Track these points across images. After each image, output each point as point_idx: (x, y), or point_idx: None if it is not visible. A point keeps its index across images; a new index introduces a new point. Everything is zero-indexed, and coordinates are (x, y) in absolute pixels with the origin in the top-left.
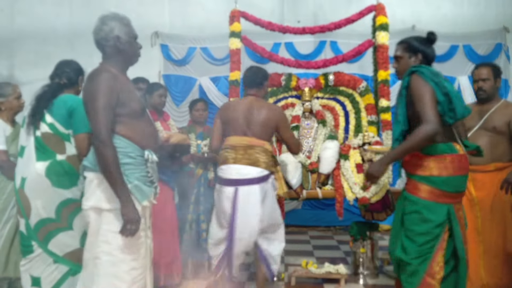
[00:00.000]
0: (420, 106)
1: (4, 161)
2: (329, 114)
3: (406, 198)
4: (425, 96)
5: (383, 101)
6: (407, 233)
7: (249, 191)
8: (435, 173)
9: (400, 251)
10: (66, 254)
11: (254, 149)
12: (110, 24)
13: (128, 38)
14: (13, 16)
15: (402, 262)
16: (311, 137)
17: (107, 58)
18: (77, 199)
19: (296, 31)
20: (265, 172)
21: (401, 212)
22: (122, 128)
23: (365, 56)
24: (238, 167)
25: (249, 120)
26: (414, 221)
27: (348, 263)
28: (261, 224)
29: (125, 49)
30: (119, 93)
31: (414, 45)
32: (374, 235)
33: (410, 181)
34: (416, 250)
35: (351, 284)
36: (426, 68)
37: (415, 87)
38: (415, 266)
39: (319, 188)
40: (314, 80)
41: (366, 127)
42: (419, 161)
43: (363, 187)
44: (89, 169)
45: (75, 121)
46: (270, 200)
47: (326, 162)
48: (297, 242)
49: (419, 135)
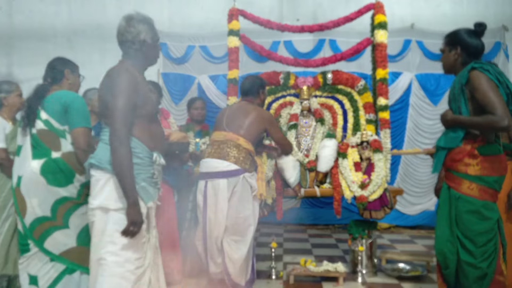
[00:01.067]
0: (488, 101)
1: (4, 159)
2: (328, 113)
3: (460, 198)
4: (493, 90)
5: (382, 100)
6: (467, 234)
7: (216, 184)
8: (488, 173)
9: (465, 254)
10: (62, 253)
11: (226, 144)
12: (137, 27)
13: (152, 42)
14: (12, 14)
15: (467, 267)
16: (309, 135)
17: (128, 58)
18: (73, 197)
19: (294, 30)
20: (233, 166)
21: (448, 211)
22: (134, 129)
23: (364, 55)
24: (209, 160)
25: (233, 117)
26: (473, 221)
27: (347, 261)
28: (227, 221)
29: (148, 52)
30: (138, 94)
31: (453, 38)
32: (372, 234)
33: (460, 180)
34: (481, 252)
35: (350, 282)
36: (491, 66)
37: (480, 82)
38: (485, 269)
39: (317, 187)
40: (313, 79)
41: (364, 125)
42: (474, 161)
43: (361, 186)
44: (96, 167)
45: (71, 116)
46: (240, 197)
47: (324, 160)
48: (296, 240)
49: (491, 123)
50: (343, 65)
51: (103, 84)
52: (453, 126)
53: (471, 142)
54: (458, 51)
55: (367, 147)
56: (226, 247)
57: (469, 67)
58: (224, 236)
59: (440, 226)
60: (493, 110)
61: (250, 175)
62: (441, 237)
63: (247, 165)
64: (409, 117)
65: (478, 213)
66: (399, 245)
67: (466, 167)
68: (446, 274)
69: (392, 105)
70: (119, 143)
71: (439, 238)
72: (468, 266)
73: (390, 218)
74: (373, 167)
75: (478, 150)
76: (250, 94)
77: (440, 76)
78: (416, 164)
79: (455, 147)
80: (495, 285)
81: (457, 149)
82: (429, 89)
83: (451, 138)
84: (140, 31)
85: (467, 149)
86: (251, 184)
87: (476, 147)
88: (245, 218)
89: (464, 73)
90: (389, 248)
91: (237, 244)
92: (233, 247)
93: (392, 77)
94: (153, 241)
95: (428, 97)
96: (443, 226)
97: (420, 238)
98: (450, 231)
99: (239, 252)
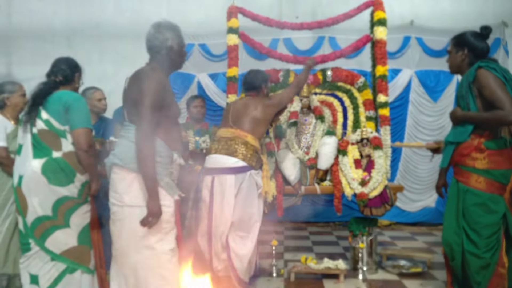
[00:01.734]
0: (497, 97)
1: (4, 158)
2: (327, 110)
3: (468, 191)
4: (501, 87)
5: (381, 97)
6: (473, 226)
7: (224, 180)
8: (495, 166)
9: (469, 244)
10: (63, 252)
11: (234, 141)
12: (165, 34)
13: (179, 48)
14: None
15: (471, 256)
16: (309, 133)
17: (155, 62)
18: (74, 197)
19: (294, 27)
20: (241, 163)
21: (456, 204)
22: (159, 129)
23: (363, 52)
24: (216, 156)
25: (239, 114)
26: (480, 214)
27: (347, 258)
28: (233, 217)
29: (174, 57)
30: (165, 96)
31: (460, 40)
32: (373, 231)
33: (469, 174)
34: (485, 243)
35: (350, 279)
36: (496, 65)
37: (487, 80)
38: (487, 259)
39: (317, 184)
40: (312, 76)
41: (364, 122)
42: (481, 155)
43: (361, 183)
44: (120, 166)
45: (72, 117)
46: (247, 194)
47: (325, 158)
48: (297, 238)
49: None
50: (342, 62)
51: (131, 83)
52: (463, 122)
53: (478, 137)
54: (465, 52)
55: (367, 144)
56: (231, 243)
57: (476, 66)
58: (230, 232)
59: (447, 219)
60: (501, 106)
61: (256, 173)
62: (448, 229)
63: (254, 162)
64: (409, 114)
65: (484, 205)
66: (400, 242)
67: (474, 161)
68: (453, 265)
69: (392, 102)
70: (144, 139)
71: (446, 230)
72: (472, 256)
73: (391, 215)
74: (373, 164)
75: (485, 144)
76: (253, 89)
77: (439, 72)
78: (416, 161)
79: (463, 142)
80: (496, 277)
81: (465, 144)
82: (429, 85)
83: (460, 132)
84: (167, 37)
85: (474, 144)
86: (257, 181)
87: (483, 142)
88: (251, 214)
89: (471, 71)
90: (390, 245)
91: (243, 240)
92: (238, 243)
93: (391, 74)
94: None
95: (428, 94)
96: (450, 218)
97: (420, 234)
98: (456, 223)
99: (245, 248)
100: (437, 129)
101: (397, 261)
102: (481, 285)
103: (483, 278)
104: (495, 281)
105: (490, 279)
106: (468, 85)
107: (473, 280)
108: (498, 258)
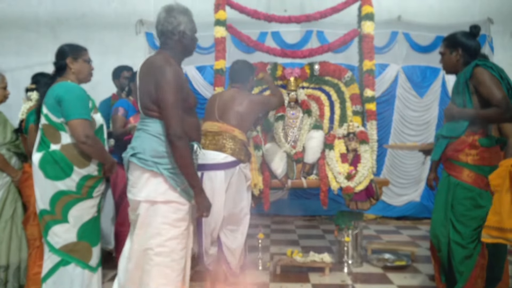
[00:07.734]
0: (493, 95)
1: None
2: (314, 104)
3: (459, 185)
4: (497, 85)
5: (368, 91)
6: (460, 219)
7: (214, 176)
8: (486, 162)
9: (455, 234)
10: (62, 247)
11: (221, 135)
12: (178, 18)
13: (191, 33)
14: None
15: (456, 246)
16: (296, 127)
17: (167, 49)
18: (72, 191)
19: (281, 20)
20: (230, 158)
21: (445, 197)
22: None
23: (351, 46)
24: (205, 152)
25: (225, 107)
26: (468, 207)
27: (333, 252)
28: (224, 212)
29: (187, 44)
30: (184, 88)
31: (453, 41)
32: (358, 224)
33: (461, 169)
34: (470, 235)
35: (336, 273)
36: (493, 64)
37: (483, 77)
38: (471, 250)
39: (304, 178)
40: (300, 70)
41: (351, 117)
42: (474, 151)
43: (347, 177)
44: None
45: (65, 109)
46: (237, 188)
47: (311, 151)
48: (283, 231)
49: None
50: (330, 56)
51: (144, 75)
52: (459, 119)
53: (472, 134)
54: (459, 52)
55: (353, 139)
56: (223, 237)
57: (473, 64)
58: (222, 229)
59: (436, 211)
60: (498, 103)
61: (245, 166)
62: (436, 221)
63: (243, 156)
64: (395, 109)
65: (473, 199)
66: (385, 235)
67: (467, 157)
68: (440, 256)
69: (378, 97)
70: (178, 138)
71: (434, 222)
72: (457, 246)
73: (376, 209)
74: (359, 158)
75: (479, 141)
76: (239, 81)
77: (426, 68)
78: (402, 155)
79: (458, 137)
80: (477, 267)
81: (459, 140)
82: (415, 81)
83: (455, 128)
84: (180, 22)
85: (469, 141)
86: (246, 174)
87: (478, 139)
88: (241, 208)
89: (468, 69)
90: (375, 239)
91: (233, 233)
92: (229, 237)
93: (379, 69)
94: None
95: (414, 89)
96: (439, 211)
97: (405, 228)
98: (444, 216)
99: (236, 241)
100: (422, 124)
101: (382, 255)
102: (463, 274)
103: (466, 268)
104: (476, 271)
105: (472, 270)
106: (465, 81)
107: (457, 270)
108: (480, 250)
